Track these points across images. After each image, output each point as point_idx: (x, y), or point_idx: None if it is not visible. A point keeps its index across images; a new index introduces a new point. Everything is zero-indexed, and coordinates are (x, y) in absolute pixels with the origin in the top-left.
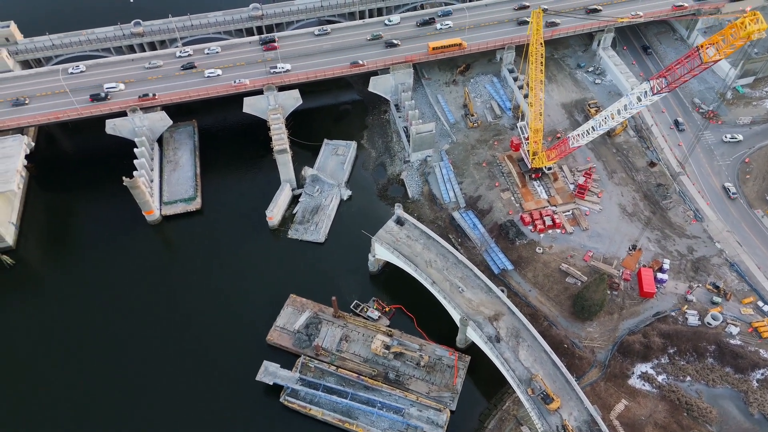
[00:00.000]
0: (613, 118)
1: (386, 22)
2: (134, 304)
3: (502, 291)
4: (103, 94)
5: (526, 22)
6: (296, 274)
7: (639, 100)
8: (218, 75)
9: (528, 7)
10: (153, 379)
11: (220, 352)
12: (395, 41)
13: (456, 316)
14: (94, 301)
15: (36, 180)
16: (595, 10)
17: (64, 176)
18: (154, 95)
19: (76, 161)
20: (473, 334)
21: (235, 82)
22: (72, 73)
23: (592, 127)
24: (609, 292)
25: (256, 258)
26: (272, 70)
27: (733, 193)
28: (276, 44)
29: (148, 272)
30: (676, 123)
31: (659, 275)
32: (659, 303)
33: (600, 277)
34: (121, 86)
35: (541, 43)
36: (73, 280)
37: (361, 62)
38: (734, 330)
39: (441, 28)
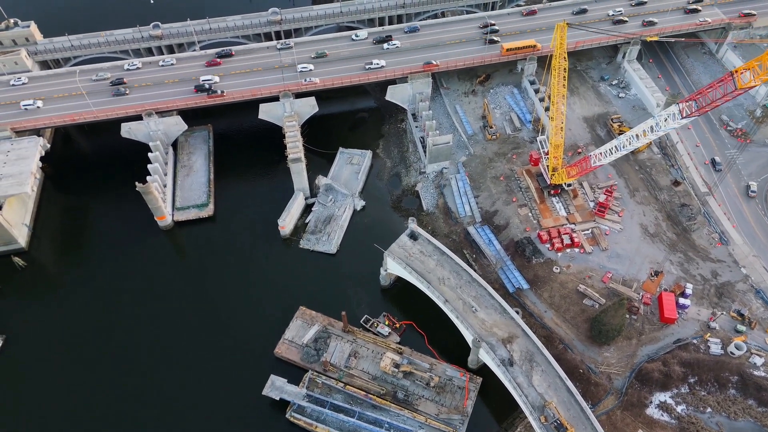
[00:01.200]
0: (638, 139)
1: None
2: (143, 311)
3: (517, 312)
4: (207, 86)
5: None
6: (307, 285)
7: (666, 122)
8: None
9: (495, 25)
10: (159, 387)
11: (227, 362)
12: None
13: (468, 337)
14: (102, 305)
15: (50, 180)
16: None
17: (78, 178)
18: (222, 92)
19: (91, 163)
20: (486, 356)
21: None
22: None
23: (615, 147)
24: (628, 316)
25: (266, 268)
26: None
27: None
28: (219, 60)
29: (159, 279)
30: (713, 162)
31: (681, 300)
32: (680, 329)
33: (619, 302)
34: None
35: (565, 57)
36: (83, 283)
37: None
38: (759, 360)
39: (388, 48)
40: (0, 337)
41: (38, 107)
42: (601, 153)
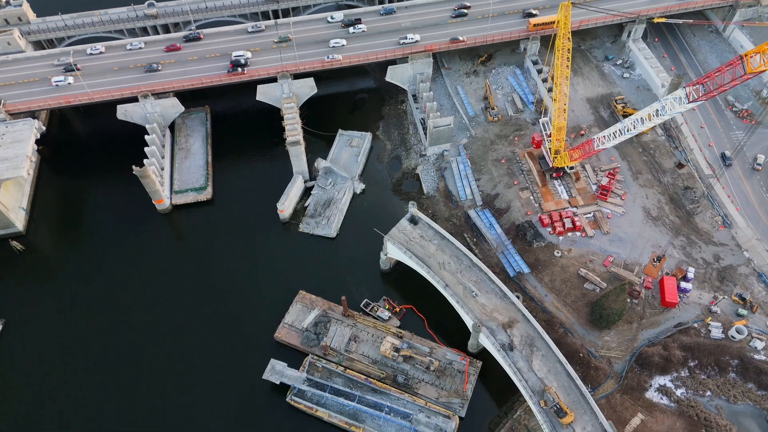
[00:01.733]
0: (642, 123)
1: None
2: (141, 295)
3: (518, 297)
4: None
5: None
6: (306, 269)
7: (672, 106)
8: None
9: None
10: (158, 373)
11: (227, 347)
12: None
13: (469, 322)
14: (101, 290)
15: (48, 163)
16: None
17: (75, 160)
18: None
19: (89, 145)
20: (486, 341)
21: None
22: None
23: (620, 131)
24: (629, 300)
25: (266, 251)
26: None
27: None
28: (179, 46)
29: (157, 263)
30: (723, 157)
31: (683, 284)
32: (681, 313)
33: (620, 286)
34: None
35: (569, 38)
36: (81, 267)
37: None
38: (759, 344)
39: (354, 32)
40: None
41: (69, 83)
42: (604, 136)
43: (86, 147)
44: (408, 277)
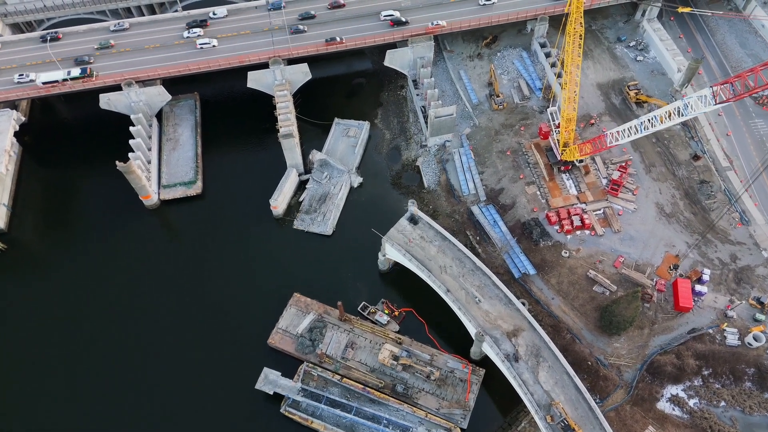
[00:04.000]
0: (662, 122)
1: (211, 14)
2: (128, 297)
3: (523, 304)
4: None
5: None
6: (301, 270)
7: (696, 105)
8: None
9: None
10: (144, 381)
11: (218, 353)
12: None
13: (471, 330)
14: (86, 291)
15: (31, 155)
16: None
17: (60, 151)
18: None
19: (74, 134)
20: (489, 351)
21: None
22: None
23: (635, 128)
24: (642, 305)
25: (259, 250)
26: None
27: None
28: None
29: (145, 262)
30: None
31: (697, 287)
32: (696, 318)
33: (633, 293)
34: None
35: (581, 22)
36: (66, 267)
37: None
38: None
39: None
40: None
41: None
42: (618, 132)
43: (71, 136)
44: (407, 278)
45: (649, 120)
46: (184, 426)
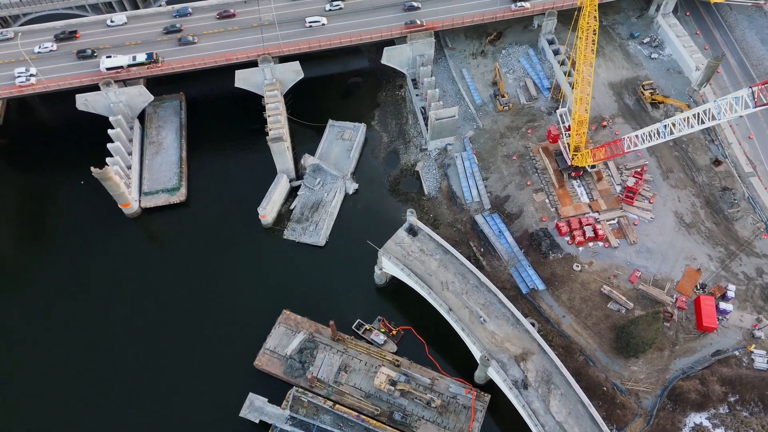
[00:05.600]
0: (689, 126)
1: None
2: (103, 313)
3: (533, 324)
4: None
5: None
6: (291, 284)
7: (731, 108)
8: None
9: None
10: (120, 405)
11: (200, 376)
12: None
13: (476, 353)
14: (59, 305)
15: (4, 160)
16: None
17: (35, 156)
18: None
19: (50, 139)
20: (496, 376)
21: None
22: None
23: (657, 132)
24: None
25: (246, 263)
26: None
27: None
28: None
29: (122, 276)
30: None
31: (722, 304)
32: (720, 339)
33: (654, 313)
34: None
35: (595, 17)
36: (38, 278)
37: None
38: None
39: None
40: None
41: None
42: (637, 137)
43: (49, 139)
44: (406, 293)
45: (673, 123)
46: None
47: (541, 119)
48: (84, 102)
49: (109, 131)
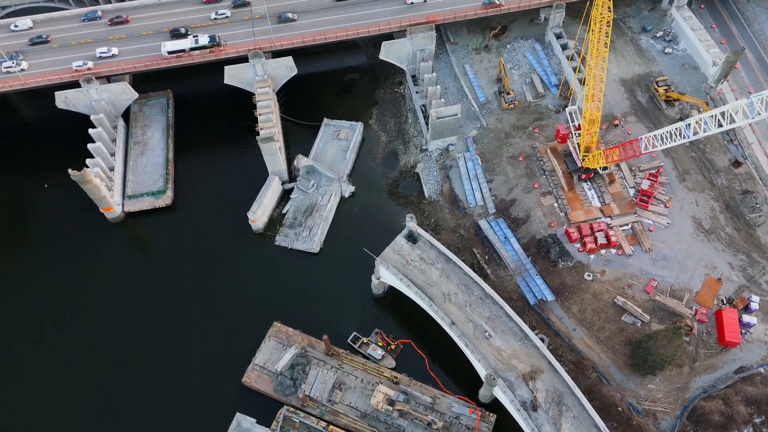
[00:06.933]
0: (716, 126)
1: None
2: (81, 324)
3: (542, 340)
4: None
5: None
6: (283, 294)
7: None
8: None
9: None
10: (99, 426)
11: (184, 393)
12: None
13: (481, 370)
14: (36, 314)
15: None
16: None
17: (12, 157)
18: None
19: (29, 138)
20: (502, 396)
21: None
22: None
23: (679, 131)
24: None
25: (235, 271)
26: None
27: None
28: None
29: (103, 285)
30: None
31: (745, 317)
32: (744, 354)
33: (675, 329)
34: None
35: (609, 7)
36: (13, 288)
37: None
38: None
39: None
40: None
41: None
42: (656, 137)
43: (27, 139)
44: (406, 304)
45: (699, 123)
46: None
47: (548, 118)
48: (64, 100)
49: (90, 131)
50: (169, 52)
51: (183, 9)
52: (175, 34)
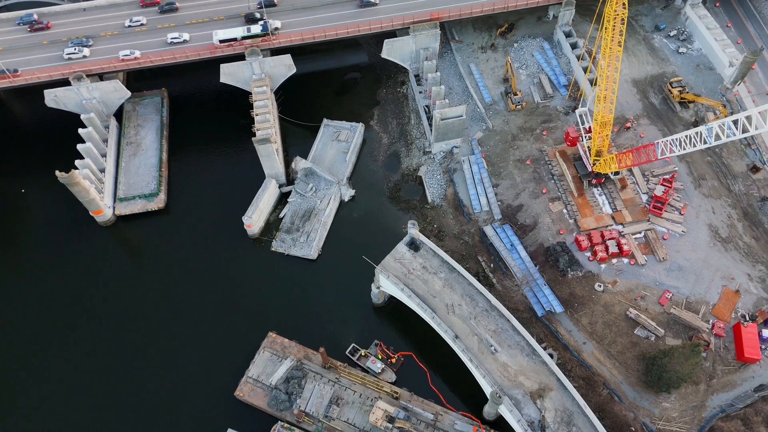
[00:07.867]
0: (742, 131)
1: None
2: (69, 332)
3: (551, 355)
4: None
5: None
6: (278, 303)
7: None
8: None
9: None
10: None
11: (173, 408)
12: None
13: (486, 387)
14: (23, 321)
15: None
16: None
17: (4, 154)
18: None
19: (18, 138)
20: (509, 416)
21: None
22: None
23: (700, 136)
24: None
25: (229, 278)
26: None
27: None
28: None
29: (93, 291)
30: None
31: (764, 332)
32: (764, 371)
33: (693, 346)
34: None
35: (624, 4)
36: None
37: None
38: None
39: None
40: None
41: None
42: (672, 141)
43: (16, 139)
44: (407, 314)
45: (720, 127)
46: None
47: (557, 120)
48: (53, 98)
49: (80, 131)
50: (221, 41)
51: None
52: (250, 18)
